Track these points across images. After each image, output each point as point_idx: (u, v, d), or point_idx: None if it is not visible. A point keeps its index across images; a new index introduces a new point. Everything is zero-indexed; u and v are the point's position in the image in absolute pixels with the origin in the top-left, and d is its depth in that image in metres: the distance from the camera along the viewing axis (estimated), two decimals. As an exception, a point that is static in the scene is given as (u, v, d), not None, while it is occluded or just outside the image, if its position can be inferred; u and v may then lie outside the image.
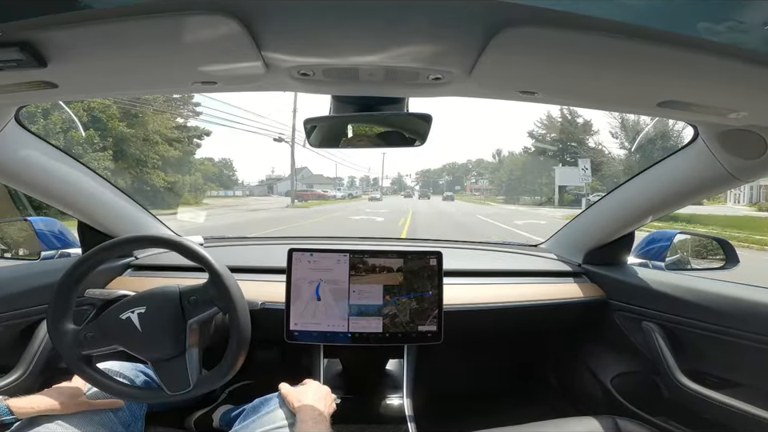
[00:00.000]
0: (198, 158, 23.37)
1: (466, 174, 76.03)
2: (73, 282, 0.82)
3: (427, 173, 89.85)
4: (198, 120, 19.22)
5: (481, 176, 65.88)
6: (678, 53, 0.44)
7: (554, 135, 28.46)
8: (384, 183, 73.82)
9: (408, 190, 54.07)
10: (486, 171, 56.88)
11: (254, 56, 0.51)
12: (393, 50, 0.50)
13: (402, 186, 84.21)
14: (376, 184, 72.40)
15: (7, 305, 0.94)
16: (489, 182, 51.35)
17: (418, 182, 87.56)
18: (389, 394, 1.07)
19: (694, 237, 1.29)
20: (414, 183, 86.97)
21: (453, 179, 76.64)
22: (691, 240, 1.29)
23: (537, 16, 0.41)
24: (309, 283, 1.02)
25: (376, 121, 0.77)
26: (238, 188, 46.61)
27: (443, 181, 78.77)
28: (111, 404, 0.82)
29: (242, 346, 0.80)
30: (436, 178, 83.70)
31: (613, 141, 17.95)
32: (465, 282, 1.19)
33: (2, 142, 0.81)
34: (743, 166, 0.81)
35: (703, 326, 0.96)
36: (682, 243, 1.28)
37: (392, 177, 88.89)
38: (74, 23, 0.43)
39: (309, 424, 0.73)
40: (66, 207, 1.06)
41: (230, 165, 48.24)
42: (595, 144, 26.51)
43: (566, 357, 1.44)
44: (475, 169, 74.32)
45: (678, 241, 1.25)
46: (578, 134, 27.23)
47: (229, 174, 46.74)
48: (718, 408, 0.90)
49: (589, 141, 26.81)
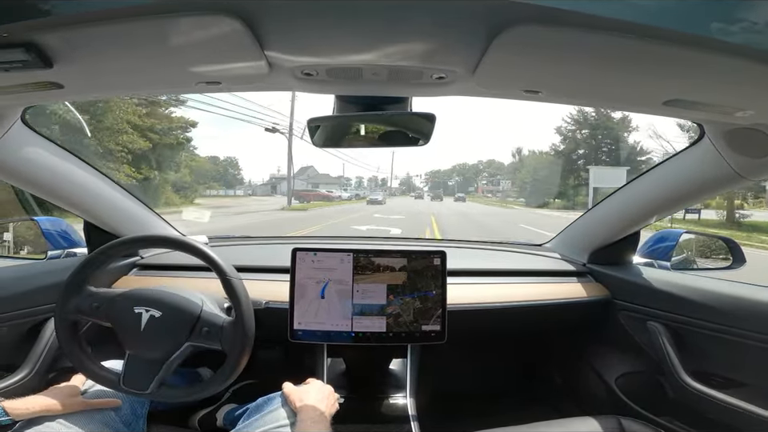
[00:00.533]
0: (195, 155, 21.72)
1: (477, 175, 74.91)
2: (80, 280, 0.83)
3: (437, 173, 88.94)
4: (186, 107, 16.99)
5: (494, 177, 63.90)
6: (685, 52, 0.44)
7: (586, 132, 26.80)
8: (393, 184, 72.47)
9: (419, 190, 48.83)
10: (501, 172, 54.79)
11: (258, 56, 0.51)
12: (396, 50, 0.50)
13: (410, 186, 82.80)
14: (385, 184, 70.68)
15: (13, 304, 0.94)
16: (509, 182, 49.16)
17: (427, 182, 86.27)
18: (392, 394, 1.07)
19: (700, 236, 1.28)
20: (423, 184, 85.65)
21: (463, 180, 75.73)
22: (697, 240, 1.28)
23: (541, 15, 0.41)
24: (313, 283, 1.03)
25: (380, 120, 0.77)
26: (242, 187, 45.83)
27: (453, 182, 77.80)
28: (108, 403, 0.83)
29: (246, 346, 0.80)
30: (446, 179, 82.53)
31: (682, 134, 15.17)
32: (469, 282, 1.19)
33: (8, 142, 0.82)
34: (750, 164, 0.80)
35: (709, 326, 0.95)
36: (688, 243, 1.28)
37: (401, 177, 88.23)
38: (79, 24, 0.44)
39: (309, 423, 0.73)
40: (72, 207, 1.06)
41: (236, 163, 48.00)
42: (635, 142, 24.63)
43: (570, 356, 1.43)
44: (486, 169, 73.08)
45: (684, 240, 1.24)
46: (617, 130, 25.37)
47: (234, 173, 46.46)
48: (723, 408, 0.89)
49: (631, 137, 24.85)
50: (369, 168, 75.08)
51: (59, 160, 0.97)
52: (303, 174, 56.81)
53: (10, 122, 0.79)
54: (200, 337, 0.80)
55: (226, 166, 46.24)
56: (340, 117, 0.76)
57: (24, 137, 0.86)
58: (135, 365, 0.80)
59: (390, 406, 1.04)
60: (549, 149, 30.26)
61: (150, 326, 0.79)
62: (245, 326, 0.79)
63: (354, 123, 0.78)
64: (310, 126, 0.78)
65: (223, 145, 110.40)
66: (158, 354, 0.79)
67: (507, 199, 40.30)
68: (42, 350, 0.97)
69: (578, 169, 26.61)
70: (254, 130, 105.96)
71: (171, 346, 0.80)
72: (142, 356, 0.80)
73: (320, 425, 0.74)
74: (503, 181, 55.48)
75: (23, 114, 0.82)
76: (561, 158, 27.86)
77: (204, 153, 50.26)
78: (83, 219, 1.14)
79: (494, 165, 72.72)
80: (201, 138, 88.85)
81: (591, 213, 1.32)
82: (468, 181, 75.40)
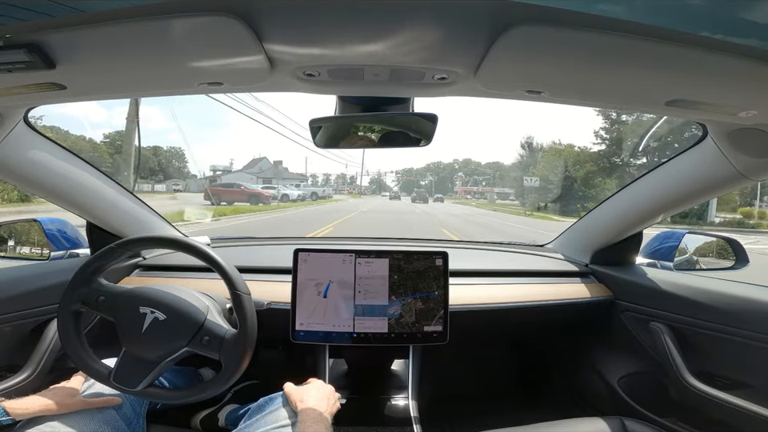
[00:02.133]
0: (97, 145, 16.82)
1: (452, 175, 71.78)
2: (92, 271, 0.83)
3: (410, 172, 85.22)
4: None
5: (471, 177, 59.60)
6: (688, 52, 0.43)
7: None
8: (362, 182, 66.72)
9: (394, 192, 39.15)
10: (477, 172, 50.47)
11: (259, 57, 0.51)
12: (398, 50, 0.50)
13: (381, 186, 76.96)
14: (354, 182, 65.11)
15: (17, 304, 0.95)
16: (487, 183, 45.13)
17: (399, 181, 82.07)
18: (394, 395, 1.07)
19: (703, 236, 1.27)
20: (394, 183, 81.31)
21: (438, 180, 72.84)
22: (700, 240, 1.28)
23: (544, 15, 0.40)
24: (315, 283, 1.03)
25: (381, 121, 0.77)
26: (185, 182, 36.87)
27: (427, 181, 74.78)
28: (109, 402, 0.83)
29: (248, 347, 0.80)
30: (419, 178, 79.37)
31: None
32: (470, 282, 1.19)
33: (11, 143, 0.82)
34: (753, 164, 0.80)
35: (712, 327, 0.95)
36: (691, 243, 1.27)
37: (372, 174, 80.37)
38: (81, 25, 0.44)
39: (309, 423, 0.73)
40: (74, 208, 1.07)
41: (181, 154, 42.53)
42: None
43: (572, 357, 1.43)
44: (462, 169, 70.03)
45: (687, 240, 1.23)
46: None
47: (180, 166, 42.39)
48: (727, 409, 0.89)
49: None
50: (339, 161, 69.49)
51: (62, 161, 0.97)
52: (254, 166, 46.83)
53: (13, 122, 0.80)
54: (199, 345, 0.80)
55: (169, 157, 42.01)
56: (341, 117, 0.76)
57: (27, 138, 0.86)
58: (128, 362, 0.80)
59: (392, 407, 1.04)
60: (598, 139, 22.44)
61: (152, 327, 0.79)
62: (246, 342, 0.79)
63: (356, 124, 0.78)
64: (311, 126, 0.78)
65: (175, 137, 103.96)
66: (154, 355, 0.79)
67: (498, 201, 35.36)
68: (44, 351, 0.97)
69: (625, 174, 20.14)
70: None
71: (169, 349, 0.79)
72: (138, 355, 0.80)
73: (320, 424, 0.74)
74: (510, 184, 51.75)
75: (26, 115, 0.82)
76: (600, 157, 21.65)
77: (146, 142, 46.67)
78: (86, 220, 1.14)
79: (470, 164, 69.95)
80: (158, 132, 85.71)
81: (594, 213, 1.32)
82: (443, 181, 72.54)
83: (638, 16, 0.39)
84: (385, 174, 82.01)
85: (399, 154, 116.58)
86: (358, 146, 0.80)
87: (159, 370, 0.80)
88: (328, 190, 38.09)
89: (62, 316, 0.82)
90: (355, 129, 0.78)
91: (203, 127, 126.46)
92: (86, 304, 0.82)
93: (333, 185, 66.75)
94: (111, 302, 0.82)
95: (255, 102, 26.99)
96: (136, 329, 0.79)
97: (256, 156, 51.28)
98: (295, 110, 20.30)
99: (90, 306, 0.82)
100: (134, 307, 0.80)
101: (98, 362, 0.82)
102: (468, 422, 1.02)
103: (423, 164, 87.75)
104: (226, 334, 0.80)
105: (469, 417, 1.29)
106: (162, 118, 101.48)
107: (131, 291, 0.83)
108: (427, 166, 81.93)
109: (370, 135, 0.78)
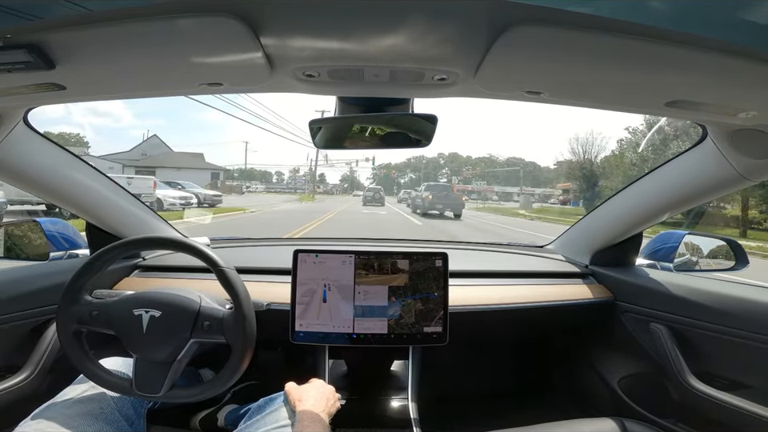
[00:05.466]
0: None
1: (436, 171, 62.71)
2: (77, 289, 0.83)
3: (387, 167, 72.44)
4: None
5: (457, 174, 51.02)
6: (688, 52, 0.43)
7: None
8: (332, 180, 55.55)
9: (375, 191, 23.85)
10: (467, 167, 43.86)
11: (259, 57, 0.51)
12: (398, 51, 0.50)
13: (353, 183, 65.13)
14: (324, 181, 52.72)
15: (16, 305, 0.95)
16: (483, 182, 38.86)
17: (374, 178, 67.97)
18: (394, 396, 1.07)
19: (702, 237, 1.27)
20: (369, 180, 67.51)
21: (418, 177, 63.87)
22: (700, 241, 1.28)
23: (544, 15, 0.41)
24: (314, 284, 1.02)
25: (381, 122, 0.77)
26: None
27: (407, 178, 67.66)
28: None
29: (248, 347, 0.80)
30: (398, 176, 70.03)
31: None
32: (470, 283, 1.18)
33: (11, 143, 0.82)
34: (753, 165, 0.80)
35: (713, 328, 0.95)
36: (691, 244, 1.27)
37: (339, 165, 60.99)
38: (81, 25, 0.44)
39: (306, 423, 0.73)
40: (74, 208, 1.07)
41: (83, 141, 34.85)
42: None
43: (572, 358, 1.43)
44: (449, 165, 62.20)
45: (687, 242, 1.24)
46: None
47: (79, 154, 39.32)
48: (728, 410, 0.89)
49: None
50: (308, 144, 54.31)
51: (61, 162, 0.97)
52: (137, 149, 33.85)
53: (13, 123, 0.80)
54: (202, 332, 0.80)
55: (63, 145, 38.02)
56: (341, 118, 0.76)
57: (26, 138, 0.86)
58: (145, 368, 0.80)
59: (392, 408, 1.03)
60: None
61: (151, 326, 0.79)
62: (245, 315, 0.79)
63: (356, 124, 0.78)
64: (311, 127, 0.78)
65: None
66: (165, 355, 0.79)
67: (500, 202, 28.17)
68: (43, 351, 0.97)
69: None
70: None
71: (176, 345, 0.80)
72: (150, 358, 0.80)
73: (317, 425, 0.74)
74: (475, 180, 43.79)
75: (25, 116, 0.82)
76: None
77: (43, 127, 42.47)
78: (85, 221, 1.14)
79: (458, 160, 62.52)
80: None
81: (594, 214, 1.32)
82: (426, 178, 57.58)
83: (638, 16, 0.39)
84: (357, 164, 56.19)
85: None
86: (357, 146, 0.80)
87: (176, 370, 0.80)
88: (258, 186, 26.83)
89: (64, 341, 0.82)
90: (355, 129, 0.78)
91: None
92: (82, 322, 0.82)
93: (289, 181, 53.74)
94: (105, 314, 0.82)
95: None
96: (137, 332, 0.79)
97: (146, 134, 38.00)
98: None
99: (86, 324, 0.82)
100: (127, 312, 0.80)
101: (116, 375, 0.83)
102: (468, 422, 1.02)
103: (402, 159, 76.68)
104: (224, 314, 0.81)
105: (468, 418, 1.29)
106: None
107: (120, 299, 0.83)
108: (407, 162, 72.65)
109: (370, 136, 0.78)
